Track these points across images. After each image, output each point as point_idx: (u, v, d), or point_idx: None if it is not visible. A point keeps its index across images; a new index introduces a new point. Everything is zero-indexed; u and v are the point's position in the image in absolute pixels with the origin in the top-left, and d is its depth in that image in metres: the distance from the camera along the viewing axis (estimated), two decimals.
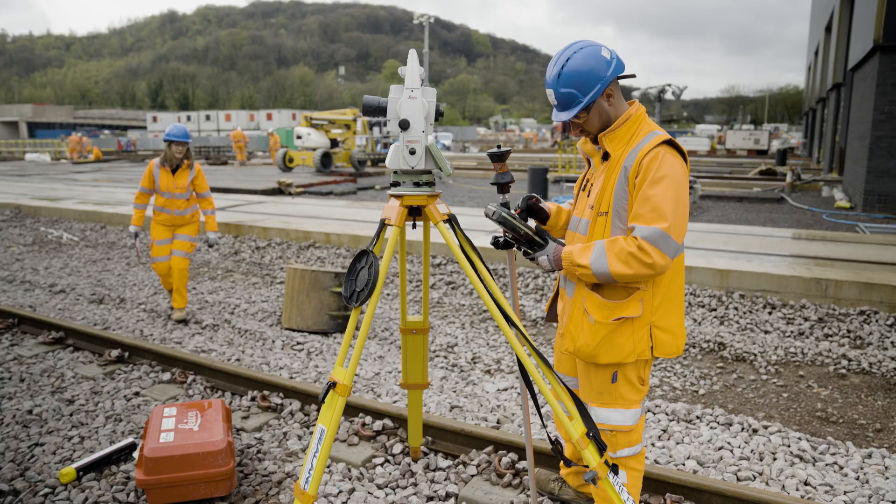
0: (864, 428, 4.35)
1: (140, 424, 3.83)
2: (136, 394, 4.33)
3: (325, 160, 23.41)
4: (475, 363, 5.30)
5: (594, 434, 2.10)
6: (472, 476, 3.14)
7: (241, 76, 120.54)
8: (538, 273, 7.91)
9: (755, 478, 3.20)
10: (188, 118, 65.05)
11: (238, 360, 5.04)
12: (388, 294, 7.73)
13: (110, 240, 10.90)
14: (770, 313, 6.49)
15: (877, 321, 6.14)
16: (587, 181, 2.45)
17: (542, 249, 2.29)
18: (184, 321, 6.29)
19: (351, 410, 3.76)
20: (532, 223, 2.38)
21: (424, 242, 2.38)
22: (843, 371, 5.18)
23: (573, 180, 17.31)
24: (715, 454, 3.43)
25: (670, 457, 3.42)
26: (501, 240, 2.43)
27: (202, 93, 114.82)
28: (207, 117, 64.27)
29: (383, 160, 25.22)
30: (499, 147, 2.37)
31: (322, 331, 6.02)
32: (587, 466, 2.11)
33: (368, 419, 3.65)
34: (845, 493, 3.07)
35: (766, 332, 6.11)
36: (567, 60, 2.21)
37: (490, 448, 3.27)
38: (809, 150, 34.39)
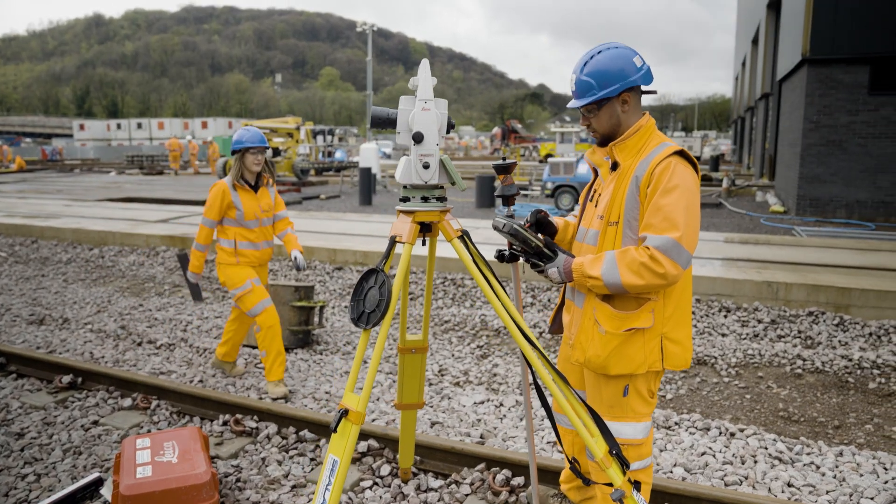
0: (824, 425, 4.51)
1: (104, 457, 3.59)
2: (95, 423, 4.06)
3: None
4: (443, 375, 5.24)
5: (616, 452, 2.08)
6: (467, 495, 3.07)
7: (173, 83, 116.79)
8: (503, 282, 7.93)
9: (741, 482, 3.25)
10: (118, 126, 62.58)
11: (201, 381, 4.81)
12: (345, 306, 7.59)
13: (43, 255, 10.31)
14: (726, 316, 6.69)
15: (824, 321, 6.42)
16: (594, 191, 2.43)
17: (551, 262, 2.26)
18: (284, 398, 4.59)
19: None
20: (541, 235, 2.35)
21: (430, 258, 2.32)
22: (799, 371, 5.38)
23: (521, 188, 17.52)
24: (699, 460, 3.48)
25: (658, 465, 3.44)
26: (507, 253, 2.39)
27: (132, 100, 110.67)
28: (139, 125, 62.00)
29: (328, 169, 24.87)
30: (504, 159, 2.34)
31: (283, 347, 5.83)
32: (608, 483, 2.09)
33: None
34: (827, 492, 3.16)
35: (724, 335, 6.29)
36: (598, 53, 2.22)
37: (482, 465, 3.21)
38: (739, 157, 35.95)
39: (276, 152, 24.54)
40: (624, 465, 2.09)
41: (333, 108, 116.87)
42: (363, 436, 3.57)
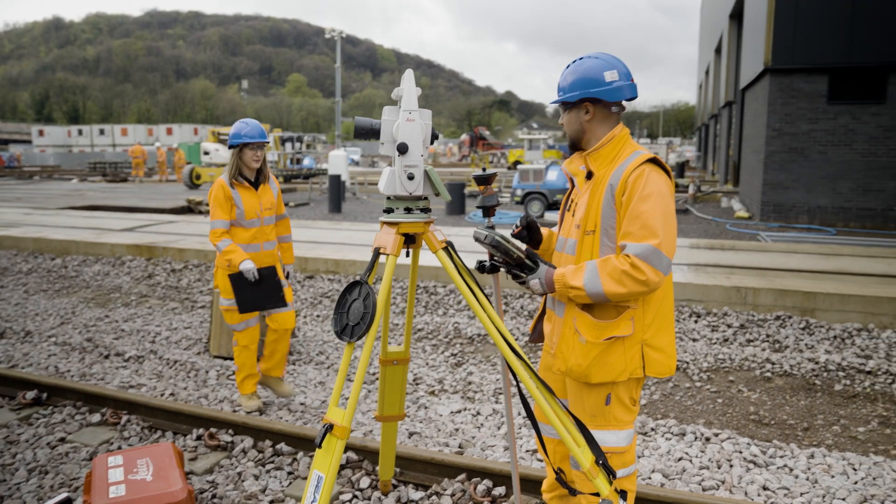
0: (794, 428, 4.61)
1: (72, 476, 3.48)
2: (62, 440, 3.93)
3: None
4: (418, 384, 5.22)
5: (603, 462, 2.08)
6: None
7: (137, 89, 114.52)
8: (490, 293, 7.93)
9: (719, 486, 3.30)
10: (79, 132, 61.08)
11: (173, 394, 4.70)
12: (317, 315, 7.50)
13: (2, 265, 9.99)
14: (696, 321, 6.79)
15: (791, 325, 6.56)
16: (571, 201, 2.46)
17: (533, 273, 2.27)
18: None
19: (311, 445, 3.58)
20: (523, 246, 2.36)
21: (412, 269, 2.30)
22: (768, 374, 5.48)
23: None
24: (677, 465, 3.51)
25: (637, 471, 3.46)
26: (488, 264, 2.39)
27: (94, 105, 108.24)
28: (101, 131, 60.58)
29: (296, 176, 24.66)
30: (484, 170, 2.35)
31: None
32: (594, 493, 2.09)
33: None
34: (801, 494, 3.22)
35: (695, 339, 6.38)
36: (580, 60, 2.31)
37: (463, 476, 3.19)
38: (704, 163, 36.69)
39: None
40: (611, 474, 2.10)
41: (301, 114, 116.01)
42: None
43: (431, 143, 2.14)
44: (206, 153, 23.63)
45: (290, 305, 4.50)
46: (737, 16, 22.34)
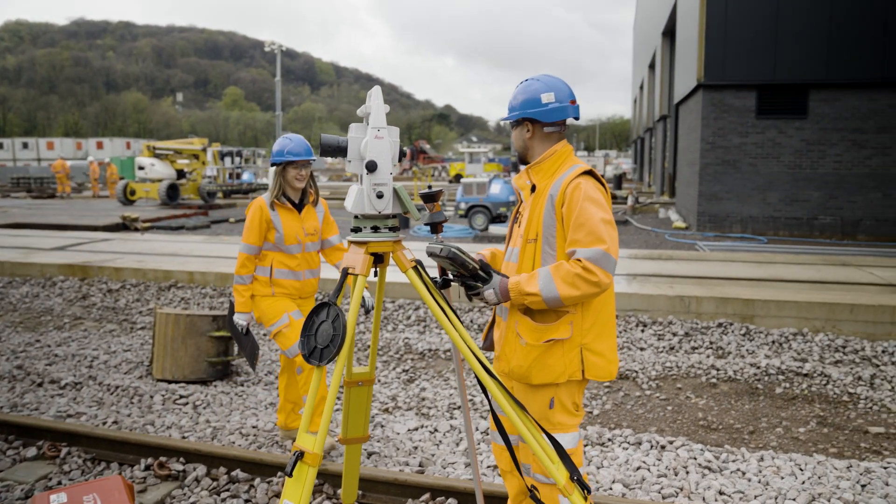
0: (741, 431, 4.77)
1: None
2: None
3: (172, 192, 21.97)
4: (371, 402, 5.14)
5: (577, 478, 2.09)
6: None
7: (63, 100, 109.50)
8: (419, 305, 7.90)
9: (678, 493, 3.36)
10: (0, 145, 58.07)
11: (116, 422, 4.47)
12: (264, 334, 7.32)
13: None
14: (643, 331, 6.96)
15: (732, 332, 6.81)
16: (519, 214, 2.59)
17: (487, 284, 2.34)
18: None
19: (268, 470, 3.46)
20: (476, 258, 2.42)
21: (379, 289, 2.26)
22: (714, 380, 5.66)
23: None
24: (636, 474, 3.57)
25: (597, 482, 3.50)
26: (440, 279, 2.46)
27: (16, 117, 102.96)
28: (25, 145, 57.73)
29: (236, 192, 24.12)
30: (430, 187, 2.39)
31: (201, 379, 5.56)
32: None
33: None
34: (756, 497, 3.32)
35: (642, 349, 6.53)
36: (525, 81, 2.50)
37: (427, 496, 3.15)
38: (640, 175, 37.86)
39: (181, 174, 23.63)
40: (585, 490, 2.11)
41: (238, 128, 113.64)
42: None
43: (399, 160, 2.12)
44: (142, 168, 22.83)
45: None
46: (669, 33, 23.25)
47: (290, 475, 1.84)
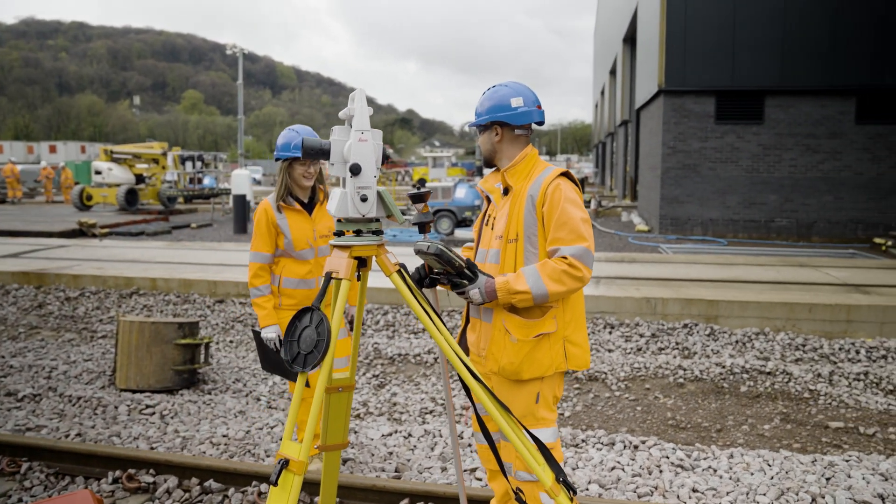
0: (708, 430, 4.86)
1: None
2: None
3: (131, 197, 21.45)
4: None
5: (563, 479, 2.10)
6: None
7: (12, 102, 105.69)
8: (387, 309, 7.87)
9: (653, 492, 3.41)
10: None
11: (80, 435, 4.33)
12: (230, 341, 7.20)
13: None
14: (610, 333, 7.05)
15: (697, 332, 6.95)
16: (489, 217, 2.64)
17: (472, 283, 2.38)
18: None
19: (242, 479, 3.39)
20: (463, 256, 2.44)
21: (361, 293, 2.24)
22: (681, 380, 5.76)
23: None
24: (611, 475, 3.61)
25: (574, 483, 3.53)
26: (427, 279, 2.48)
27: None
28: None
29: (197, 196, 23.67)
30: (418, 189, 2.41)
31: (166, 388, 5.43)
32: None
33: (265, 486, 3.31)
34: (728, 493, 3.39)
35: (610, 350, 6.62)
36: (492, 88, 2.58)
37: (406, 501, 3.13)
38: (602, 179, 38.44)
39: (140, 179, 23.09)
40: (571, 490, 2.12)
41: (198, 132, 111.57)
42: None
43: (382, 163, 2.11)
44: (98, 172, 22.23)
45: (348, 361, 3.60)
46: (630, 40, 23.69)
47: (276, 484, 1.80)
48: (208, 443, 4.19)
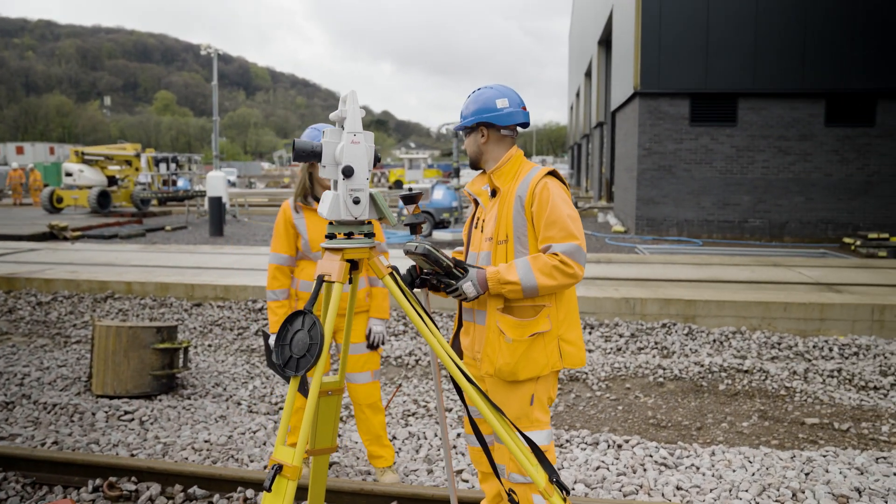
0: (689, 428, 4.93)
1: None
2: None
3: (103, 200, 21.07)
4: None
5: (556, 480, 2.12)
6: None
7: None
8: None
9: (638, 491, 3.45)
10: None
11: (56, 443, 4.24)
12: (209, 345, 7.11)
13: None
14: (590, 333, 7.10)
15: (676, 332, 7.04)
16: (478, 219, 2.66)
17: (464, 279, 2.39)
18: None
19: (227, 485, 3.35)
20: (450, 255, 2.45)
21: (351, 295, 2.23)
22: (661, 379, 5.83)
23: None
24: (596, 474, 3.63)
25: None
26: (418, 280, 2.50)
27: None
28: None
29: (172, 198, 23.34)
30: (410, 190, 2.41)
31: (145, 394, 5.35)
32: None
33: (250, 492, 3.28)
34: (711, 490, 3.44)
35: (591, 350, 6.67)
36: (478, 90, 2.60)
37: None
38: (577, 181, 38.73)
39: (113, 181, 22.70)
40: (564, 490, 2.14)
41: (171, 133, 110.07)
42: (257, 485, 3.33)
43: (374, 165, 2.11)
44: (70, 174, 21.80)
45: (372, 375, 3.57)
46: (605, 42, 23.93)
47: (269, 490, 1.78)
48: (190, 448, 4.13)
